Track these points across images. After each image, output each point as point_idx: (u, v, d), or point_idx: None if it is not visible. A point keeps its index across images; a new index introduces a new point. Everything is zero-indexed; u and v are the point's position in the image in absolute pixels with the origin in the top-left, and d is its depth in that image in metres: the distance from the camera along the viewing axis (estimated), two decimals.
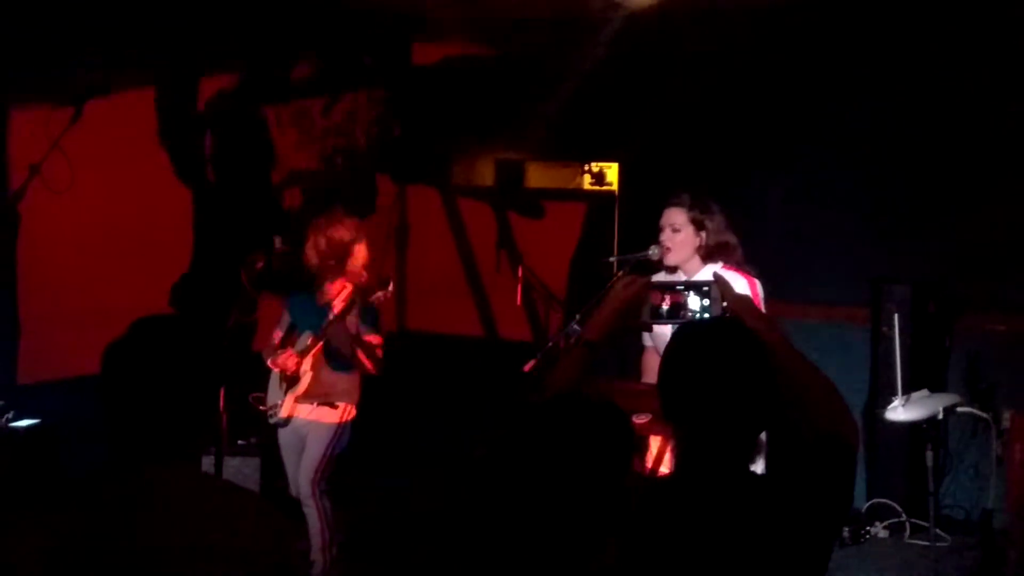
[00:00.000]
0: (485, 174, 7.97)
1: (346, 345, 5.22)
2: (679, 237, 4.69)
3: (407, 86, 7.96)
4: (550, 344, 4.73)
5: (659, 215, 4.78)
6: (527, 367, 4.50)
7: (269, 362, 5.47)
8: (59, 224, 6.15)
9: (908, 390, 5.74)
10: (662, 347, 4.81)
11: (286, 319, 5.55)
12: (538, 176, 8.27)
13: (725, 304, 2.72)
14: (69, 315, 6.11)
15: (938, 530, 5.83)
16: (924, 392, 5.15)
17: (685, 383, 2.32)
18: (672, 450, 3.98)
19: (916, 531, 6.12)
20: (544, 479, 2.08)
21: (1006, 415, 5.77)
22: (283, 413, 5.39)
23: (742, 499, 2.27)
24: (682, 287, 2.80)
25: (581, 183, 8.59)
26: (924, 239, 6.32)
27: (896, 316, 5.69)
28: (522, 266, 6.35)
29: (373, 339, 5.34)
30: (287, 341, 5.51)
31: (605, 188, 8.45)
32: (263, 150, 7.55)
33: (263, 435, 5.95)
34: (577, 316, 4.57)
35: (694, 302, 2.76)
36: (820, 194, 6.63)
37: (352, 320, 5.23)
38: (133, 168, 6.56)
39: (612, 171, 8.46)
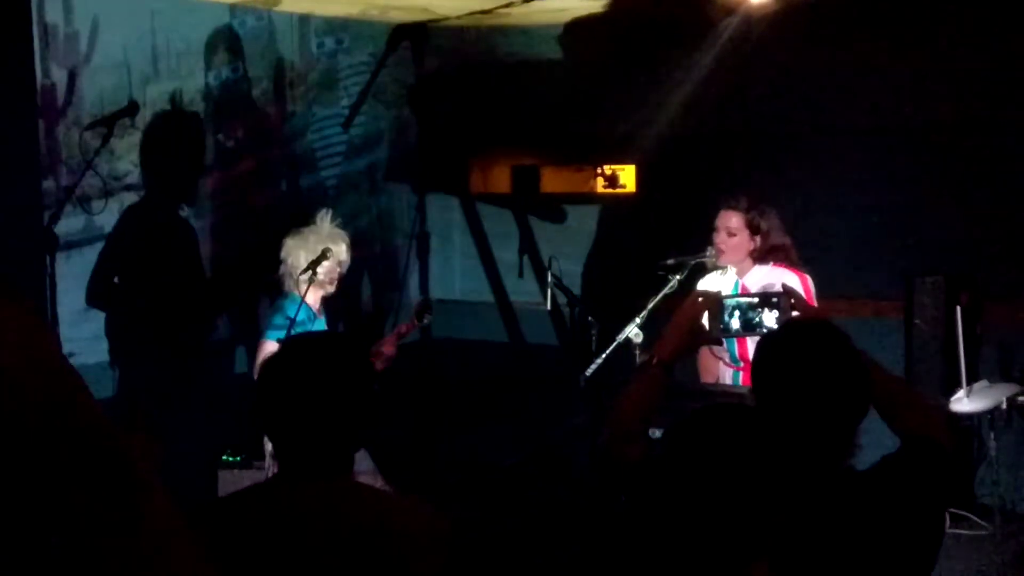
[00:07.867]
0: (502, 181, 7.98)
1: None
2: (734, 241, 4.70)
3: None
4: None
5: (684, 216, 4.78)
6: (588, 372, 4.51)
7: None
8: None
9: (945, 382, 5.78)
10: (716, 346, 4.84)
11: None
12: (553, 181, 8.29)
13: (796, 315, 2.74)
14: None
15: (975, 518, 5.88)
16: (984, 383, 5.20)
17: (784, 382, 2.32)
18: None
19: (955, 520, 6.15)
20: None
21: None
22: None
23: (843, 495, 2.29)
24: (753, 299, 2.82)
25: (595, 186, 8.61)
26: (952, 230, 6.35)
27: (958, 309, 5.70)
28: (549, 270, 6.35)
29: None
30: None
31: (619, 191, 8.47)
32: None
33: None
34: (637, 320, 4.58)
35: (767, 317, 2.78)
36: (844, 187, 6.65)
37: None
38: None
39: (627, 173, 8.48)
